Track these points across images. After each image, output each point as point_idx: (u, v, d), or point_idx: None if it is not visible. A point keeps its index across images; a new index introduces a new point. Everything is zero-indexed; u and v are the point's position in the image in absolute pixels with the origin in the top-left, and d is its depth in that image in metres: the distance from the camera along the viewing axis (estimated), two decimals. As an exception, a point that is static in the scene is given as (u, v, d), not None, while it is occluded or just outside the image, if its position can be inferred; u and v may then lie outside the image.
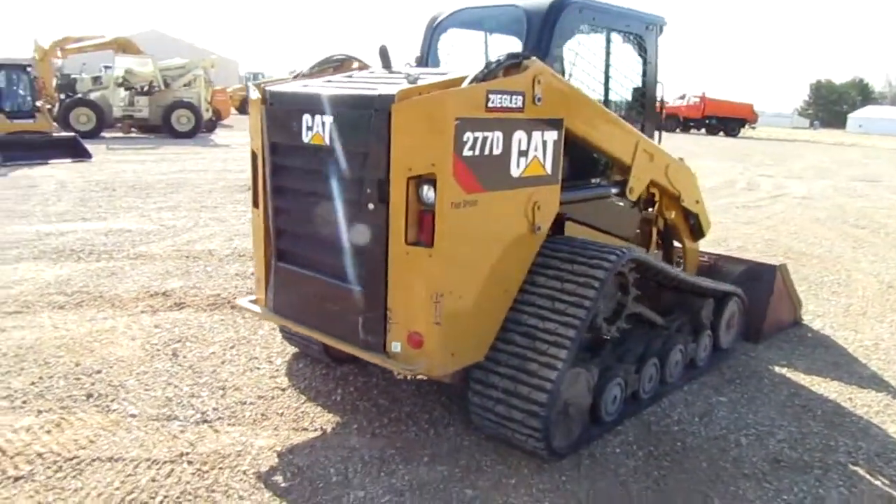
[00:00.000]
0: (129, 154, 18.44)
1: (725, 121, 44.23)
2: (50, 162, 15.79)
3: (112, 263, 7.38)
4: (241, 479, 3.47)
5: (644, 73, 4.93)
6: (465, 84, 3.31)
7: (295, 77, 4.25)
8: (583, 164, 4.43)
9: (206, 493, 3.34)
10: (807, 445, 4.07)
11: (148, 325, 5.56)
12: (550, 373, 3.55)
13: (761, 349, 5.58)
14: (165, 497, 3.29)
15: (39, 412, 4.08)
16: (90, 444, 3.75)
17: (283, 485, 3.44)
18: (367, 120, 3.35)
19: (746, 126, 45.75)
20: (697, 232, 5.63)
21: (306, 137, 3.66)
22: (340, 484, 3.46)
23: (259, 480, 3.46)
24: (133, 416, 4.08)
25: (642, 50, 4.87)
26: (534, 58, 3.59)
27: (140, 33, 70.10)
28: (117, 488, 3.34)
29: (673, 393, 4.65)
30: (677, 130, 44.15)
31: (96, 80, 23.53)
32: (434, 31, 4.72)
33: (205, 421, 4.04)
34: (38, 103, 18.43)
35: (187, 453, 3.68)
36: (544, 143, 3.72)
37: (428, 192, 3.30)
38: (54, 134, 17.34)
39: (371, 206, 3.42)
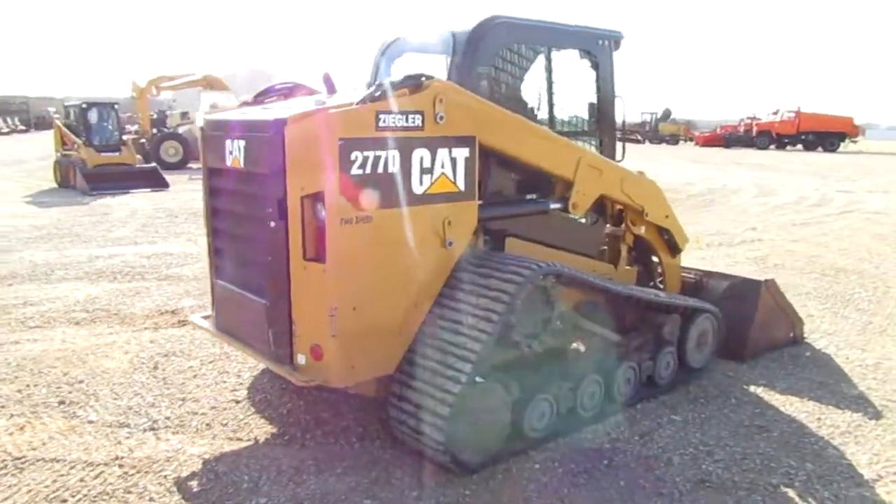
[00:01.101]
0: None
1: (823, 136, 41.99)
2: (131, 191, 17.00)
3: (140, 284, 7.90)
4: (159, 483, 3.68)
5: (598, 89, 4.90)
6: (354, 105, 3.45)
7: (240, 105, 4.52)
8: (517, 179, 4.45)
9: (122, 493, 3.58)
10: (744, 466, 3.89)
11: (145, 341, 5.94)
12: (454, 386, 3.59)
13: (744, 368, 5.36)
14: (84, 496, 3.54)
15: (11, 416, 4.47)
16: (42, 445, 4.07)
17: (195, 489, 3.63)
18: (267, 143, 3.54)
19: (847, 140, 43.23)
20: (674, 247, 5.50)
21: (228, 161, 3.90)
22: (249, 490, 3.61)
23: (175, 485, 3.67)
24: (91, 422, 4.39)
25: (594, 65, 4.85)
26: (436, 78, 3.70)
27: (231, 73, 74.52)
28: (46, 486, 3.63)
29: (624, 411, 4.54)
30: (771, 147, 42.35)
31: (184, 115, 25.12)
32: (382, 55, 4.89)
33: (152, 429, 4.31)
34: (124, 137, 19.88)
35: (123, 457, 3.94)
36: (453, 160, 3.80)
37: (321, 209, 3.45)
38: (137, 165, 18.63)
39: (272, 223, 3.60)
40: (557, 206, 4.55)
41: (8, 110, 67.42)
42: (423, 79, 3.68)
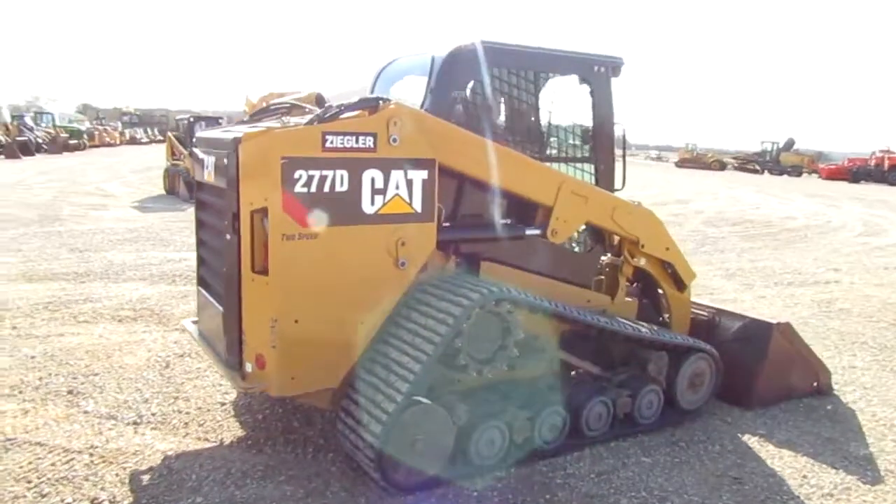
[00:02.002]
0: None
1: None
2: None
3: (192, 288, 8.40)
4: (117, 473, 3.93)
5: (594, 115, 4.82)
6: (301, 126, 3.60)
7: (236, 123, 4.78)
8: (488, 203, 4.43)
9: (80, 480, 3.85)
10: (693, 518, 3.68)
11: (170, 341, 6.33)
12: (389, 405, 3.63)
13: (748, 416, 5.04)
14: (47, 479, 3.84)
15: (23, 401, 4.89)
16: (35, 430, 4.44)
17: (145, 482, 3.85)
18: (225, 159, 3.75)
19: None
20: (680, 282, 5.27)
21: (205, 176, 4.15)
22: (191, 489, 3.79)
23: (130, 476, 3.90)
24: (86, 412, 4.74)
25: (589, 92, 4.77)
26: (393, 101, 3.80)
27: (346, 91, 77.36)
28: (20, 467, 3.96)
29: (593, 446, 4.40)
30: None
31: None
32: (377, 78, 5.03)
33: (135, 423, 4.60)
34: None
35: (96, 447, 4.23)
36: (409, 181, 3.86)
37: (267, 224, 3.60)
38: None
39: (228, 236, 3.79)
40: (536, 231, 4.50)
41: (150, 122, 73.43)
42: (381, 101, 3.78)
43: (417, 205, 3.91)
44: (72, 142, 41.34)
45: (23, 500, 3.62)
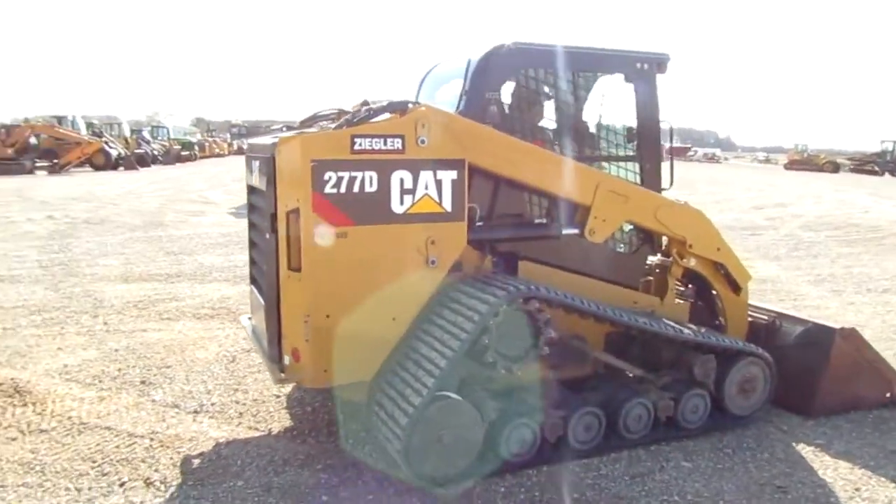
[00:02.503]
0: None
1: None
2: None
3: (270, 289, 8.82)
4: (171, 457, 4.22)
5: (638, 114, 4.75)
6: (331, 130, 3.77)
7: (286, 129, 5.03)
8: (523, 202, 4.46)
9: (138, 461, 4.16)
10: (724, 525, 3.57)
11: (241, 337, 6.68)
12: (416, 399, 3.74)
13: (808, 424, 4.81)
14: (110, 460, 4.18)
15: (101, 389, 5.32)
16: (106, 415, 4.83)
17: (194, 465, 4.12)
18: (265, 163, 3.98)
19: None
20: (734, 284, 5.10)
21: (253, 180, 4.40)
22: (234, 474, 4.02)
23: (182, 460, 4.19)
24: (154, 401, 5.10)
25: (633, 89, 4.72)
26: (421, 104, 3.91)
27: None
28: (88, 448, 4.32)
29: (633, 448, 4.33)
30: None
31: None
32: (422, 83, 5.15)
33: (195, 412, 4.91)
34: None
35: (157, 433, 4.56)
36: (438, 181, 3.96)
37: (300, 224, 3.79)
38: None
39: (267, 235, 4.02)
40: (573, 231, 4.48)
41: (256, 132, 76.74)
42: (410, 104, 3.90)
43: (447, 204, 4.00)
44: (184, 153, 44.06)
45: (86, 478, 3.96)
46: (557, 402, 4.23)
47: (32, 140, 36.50)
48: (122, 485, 3.89)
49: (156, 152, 42.48)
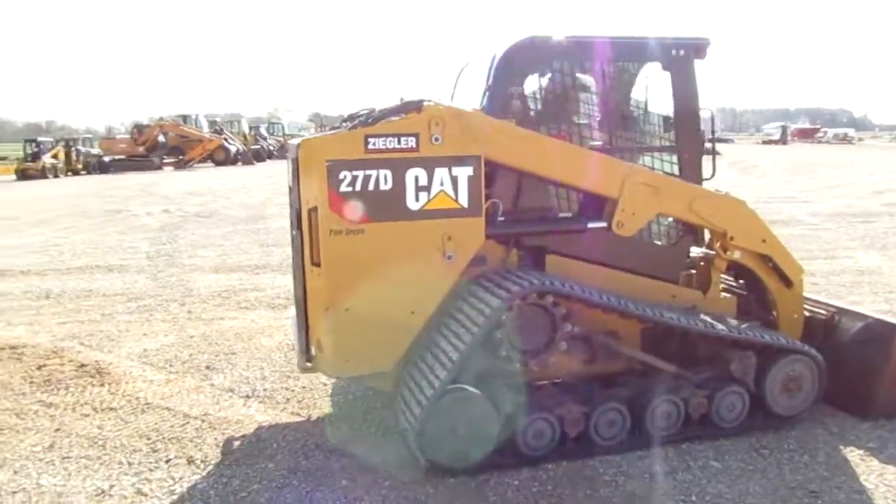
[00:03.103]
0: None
1: None
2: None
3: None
4: (216, 436, 4.55)
5: (675, 102, 4.61)
6: (345, 130, 3.92)
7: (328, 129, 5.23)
8: (546, 196, 4.43)
9: (187, 440, 4.51)
10: (737, 528, 3.46)
11: (307, 327, 7.01)
12: (429, 390, 3.85)
13: (864, 427, 4.52)
14: (163, 437, 4.56)
15: (170, 373, 5.78)
16: (168, 397, 5.25)
17: (234, 446, 4.42)
18: (292, 163, 4.18)
19: None
20: (786, 277, 4.85)
21: (288, 180, 4.63)
22: (267, 455, 4.28)
23: (225, 441, 4.50)
24: (213, 385, 5.48)
25: (669, 79, 4.58)
26: (434, 102, 3.99)
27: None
28: (147, 426, 4.73)
29: (662, 445, 4.24)
30: None
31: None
32: (458, 78, 5.20)
33: (247, 396, 5.24)
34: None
35: (209, 415, 4.91)
36: (454, 178, 4.03)
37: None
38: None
39: (294, 232, 4.23)
40: (600, 224, 4.41)
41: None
42: (423, 103, 3.99)
43: (464, 200, 4.06)
44: (297, 148, 45.92)
45: (138, 454, 4.34)
46: (580, 397, 4.20)
47: (161, 138, 39.27)
48: (167, 461, 4.23)
49: (271, 148, 44.61)
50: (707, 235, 4.93)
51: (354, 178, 3.88)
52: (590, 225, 4.44)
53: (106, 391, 5.38)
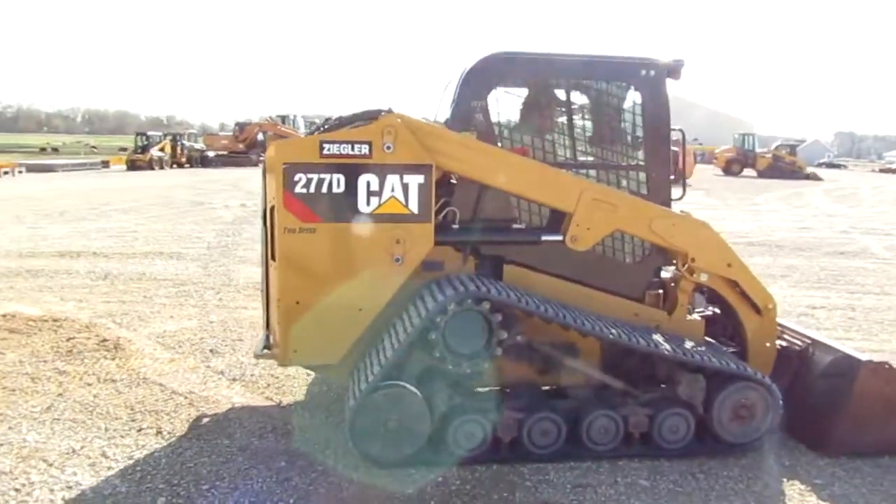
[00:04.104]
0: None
1: None
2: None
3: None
4: (191, 413, 4.94)
5: (644, 122, 4.64)
6: (303, 136, 4.21)
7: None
8: (503, 207, 4.55)
9: (164, 414, 4.91)
10: (634, 544, 3.49)
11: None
12: (363, 384, 4.08)
13: (821, 463, 4.39)
14: (145, 410, 4.98)
15: (177, 353, 6.25)
16: (164, 375, 5.69)
17: (203, 422, 4.79)
18: (263, 165, 4.52)
19: None
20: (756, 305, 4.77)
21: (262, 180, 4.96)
22: (227, 433, 4.61)
23: (197, 416, 4.88)
24: (209, 367, 5.90)
25: (638, 98, 4.62)
26: (391, 112, 4.23)
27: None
28: (136, 399, 5.18)
29: (599, 459, 4.29)
30: None
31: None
32: (444, 92, 5.38)
33: (234, 379, 5.62)
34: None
35: (193, 393, 5.31)
36: (405, 185, 4.24)
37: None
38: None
39: (261, 227, 4.56)
40: (555, 238, 4.50)
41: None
42: (382, 112, 4.23)
43: (414, 206, 4.26)
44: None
45: (117, 422, 4.77)
46: (518, 404, 4.31)
47: (260, 136, 41.15)
48: (139, 430, 4.64)
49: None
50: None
51: (309, 180, 4.15)
52: (544, 237, 4.53)
53: (114, 365, 5.89)
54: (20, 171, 33.45)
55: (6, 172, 31.95)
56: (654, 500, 3.90)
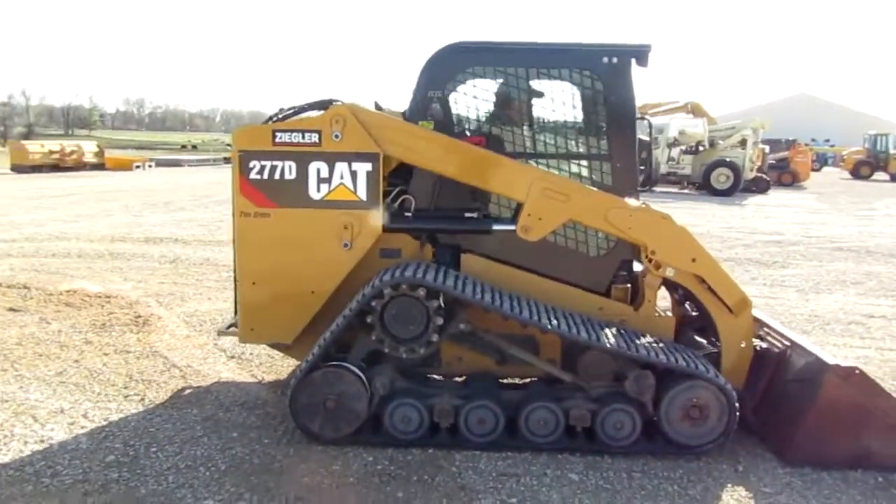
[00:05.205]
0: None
1: None
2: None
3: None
4: (178, 384, 5.31)
5: (607, 111, 4.54)
6: (258, 124, 4.44)
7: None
8: (455, 195, 4.57)
9: (154, 383, 5.31)
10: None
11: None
12: (304, 364, 4.28)
13: (779, 472, 4.13)
14: (141, 378, 5.40)
15: (194, 331, 6.69)
16: (173, 350, 6.12)
17: (184, 393, 5.14)
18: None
19: None
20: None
21: None
22: (199, 405, 4.92)
23: (182, 387, 5.24)
24: (216, 345, 6.26)
25: (600, 86, 4.52)
26: (340, 102, 4.40)
27: (789, 97, 70.91)
28: (137, 369, 5.62)
29: (539, 451, 4.26)
30: None
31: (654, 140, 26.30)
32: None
33: (232, 357, 5.97)
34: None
35: (191, 367, 5.69)
36: (353, 172, 4.39)
37: (238, 204, 4.55)
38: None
39: (231, 213, 4.84)
40: (507, 228, 4.49)
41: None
42: (332, 102, 4.39)
43: (362, 193, 4.39)
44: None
45: (111, 388, 5.21)
46: (461, 392, 4.35)
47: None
48: (126, 397, 5.05)
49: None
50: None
51: (263, 167, 4.38)
52: (495, 227, 4.53)
53: (135, 338, 6.40)
54: (150, 166, 36.27)
55: (138, 167, 34.81)
56: (573, 494, 3.83)
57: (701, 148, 24.95)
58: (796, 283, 9.63)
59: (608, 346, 4.17)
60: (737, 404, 4.19)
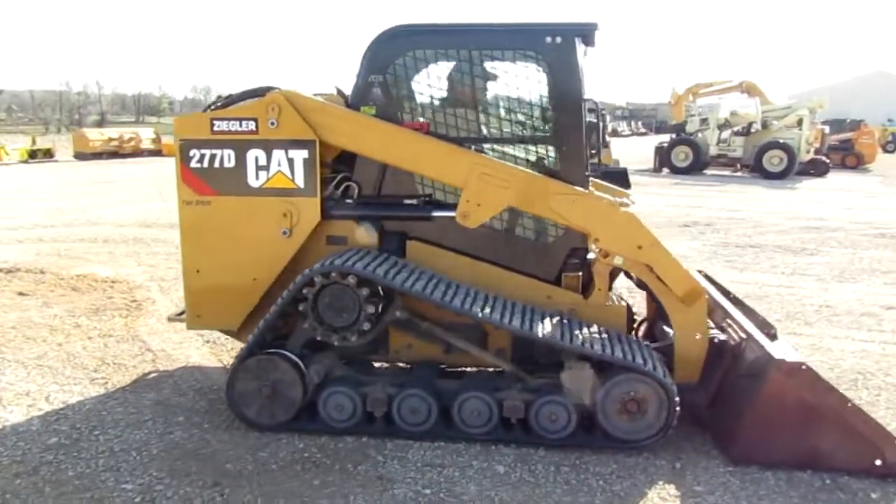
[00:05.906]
0: (679, 189, 19.77)
1: None
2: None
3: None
4: (145, 368, 5.44)
5: (551, 92, 4.38)
6: (196, 113, 4.46)
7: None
8: (396, 182, 4.50)
9: (127, 367, 5.46)
10: (432, 527, 3.40)
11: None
12: (242, 350, 4.31)
13: (720, 471, 3.94)
14: (113, 362, 5.55)
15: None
16: (154, 334, 6.27)
17: (148, 377, 5.27)
18: None
19: None
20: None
21: None
22: (157, 389, 5.03)
23: (146, 371, 5.37)
24: (201, 336, 6.37)
25: (542, 66, 4.37)
26: (276, 89, 4.37)
27: (862, 76, 67.45)
28: (113, 352, 5.78)
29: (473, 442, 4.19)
30: None
31: (704, 121, 25.43)
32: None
33: (207, 341, 6.07)
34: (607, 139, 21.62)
35: (164, 351, 5.83)
36: (290, 160, 4.37)
37: (183, 192, 4.60)
38: (611, 166, 20.16)
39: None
40: (447, 214, 4.40)
41: (639, 116, 77.53)
42: (269, 90, 4.38)
43: (300, 181, 4.37)
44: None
45: (82, 371, 5.38)
46: (395, 381, 4.31)
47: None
48: (92, 381, 5.20)
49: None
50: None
51: (202, 155, 4.41)
52: (435, 213, 4.45)
53: (122, 323, 6.59)
54: (205, 153, 37.27)
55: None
56: (492, 486, 3.75)
57: (754, 129, 23.97)
58: (818, 272, 9.16)
59: (541, 335, 4.04)
60: (677, 399, 4.01)
